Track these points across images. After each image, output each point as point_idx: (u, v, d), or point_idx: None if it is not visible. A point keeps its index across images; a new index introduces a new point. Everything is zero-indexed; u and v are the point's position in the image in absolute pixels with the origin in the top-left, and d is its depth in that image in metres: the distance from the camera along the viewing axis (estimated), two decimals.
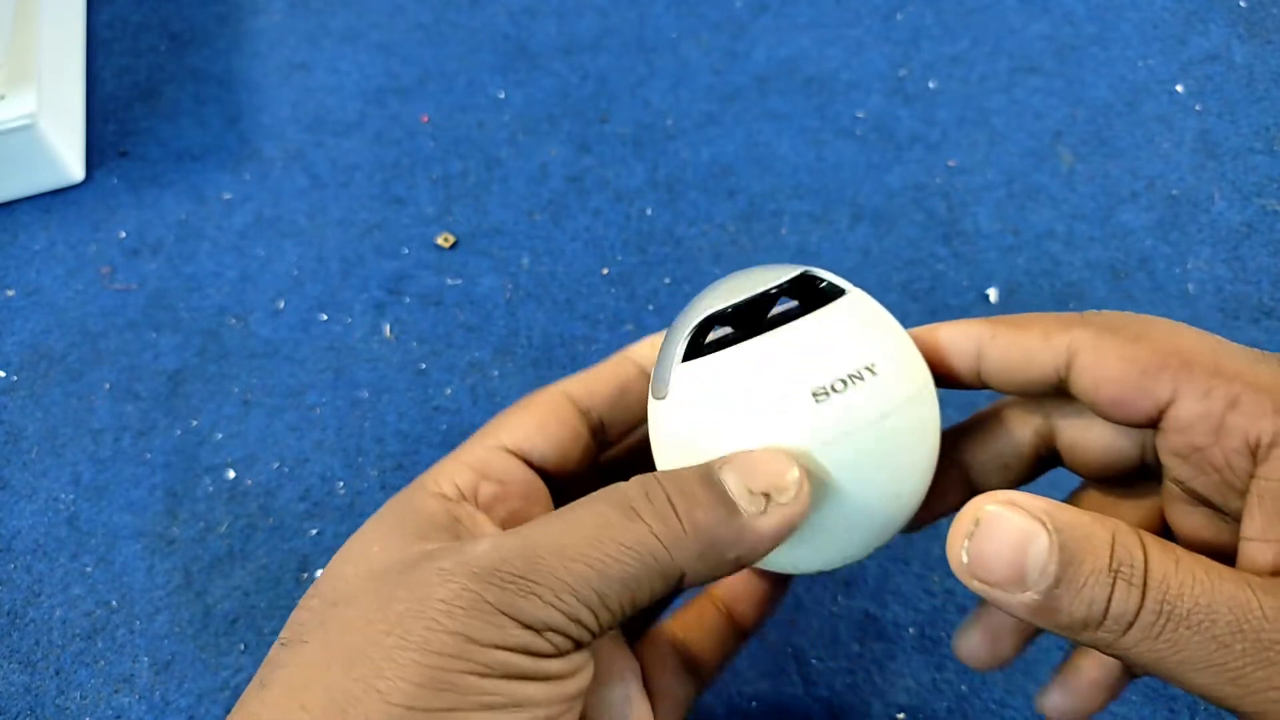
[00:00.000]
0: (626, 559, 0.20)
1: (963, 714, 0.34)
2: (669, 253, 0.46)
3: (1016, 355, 0.22)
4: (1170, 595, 0.17)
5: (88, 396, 0.42)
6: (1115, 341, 0.21)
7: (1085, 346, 0.21)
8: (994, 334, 0.23)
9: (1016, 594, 0.18)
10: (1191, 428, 0.20)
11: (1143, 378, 0.20)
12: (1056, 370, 0.22)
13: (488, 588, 0.19)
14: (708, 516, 0.20)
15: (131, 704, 0.35)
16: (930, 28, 0.53)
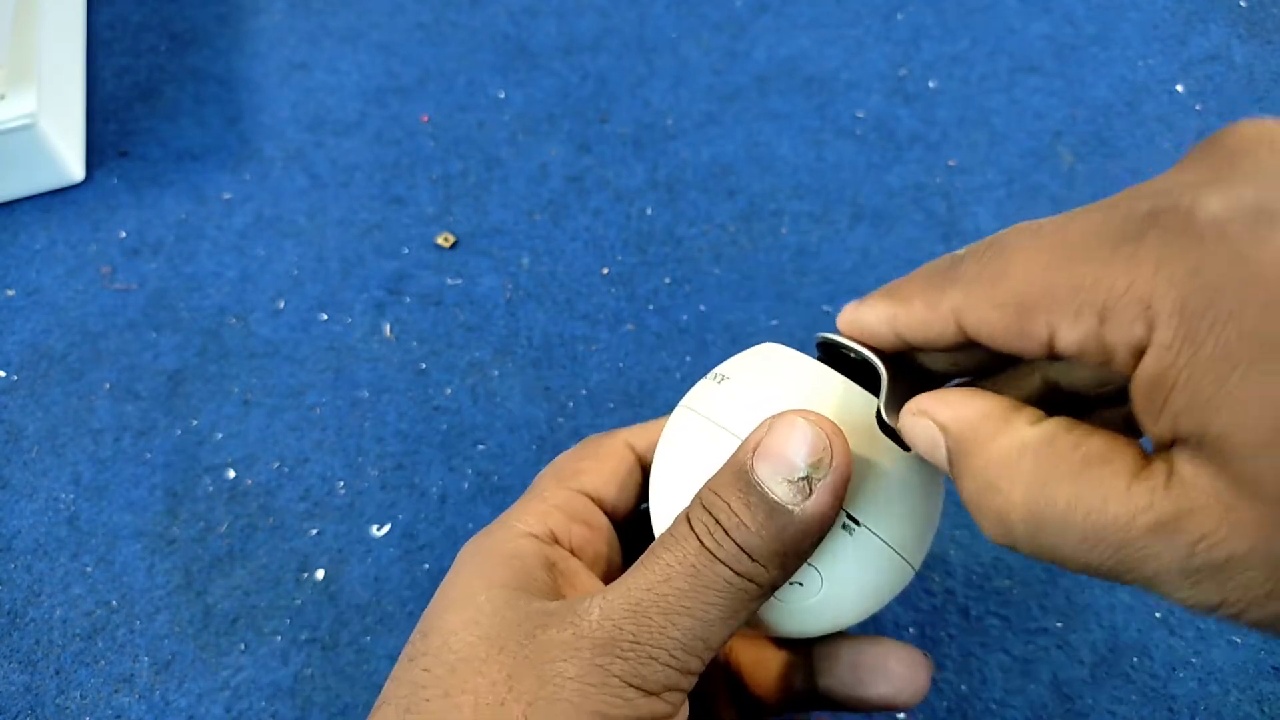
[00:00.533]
0: (722, 600, 0.21)
1: (963, 714, 0.34)
2: (669, 253, 0.46)
3: (921, 331, 0.21)
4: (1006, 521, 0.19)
5: (88, 396, 0.42)
6: (983, 293, 0.20)
7: (963, 309, 0.20)
8: (894, 314, 0.22)
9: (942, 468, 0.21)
10: (1083, 354, 0.18)
11: (1020, 321, 0.19)
12: (956, 337, 0.21)
13: (613, 661, 0.20)
14: (767, 536, 0.21)
15: (131, 704, 0.35)
16: (930, 28, 0.53)
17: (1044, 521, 0.18)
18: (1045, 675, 0.35)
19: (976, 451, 0.19)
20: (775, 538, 0.21)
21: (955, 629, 0.36)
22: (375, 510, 0.39)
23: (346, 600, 0.37)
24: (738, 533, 0.21)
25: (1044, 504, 0.18)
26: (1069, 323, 0.18)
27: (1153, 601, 0.36)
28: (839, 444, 0.21)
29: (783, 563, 0.21)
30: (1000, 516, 0.19)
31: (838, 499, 0.21)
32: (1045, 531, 0.18)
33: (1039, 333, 0.19)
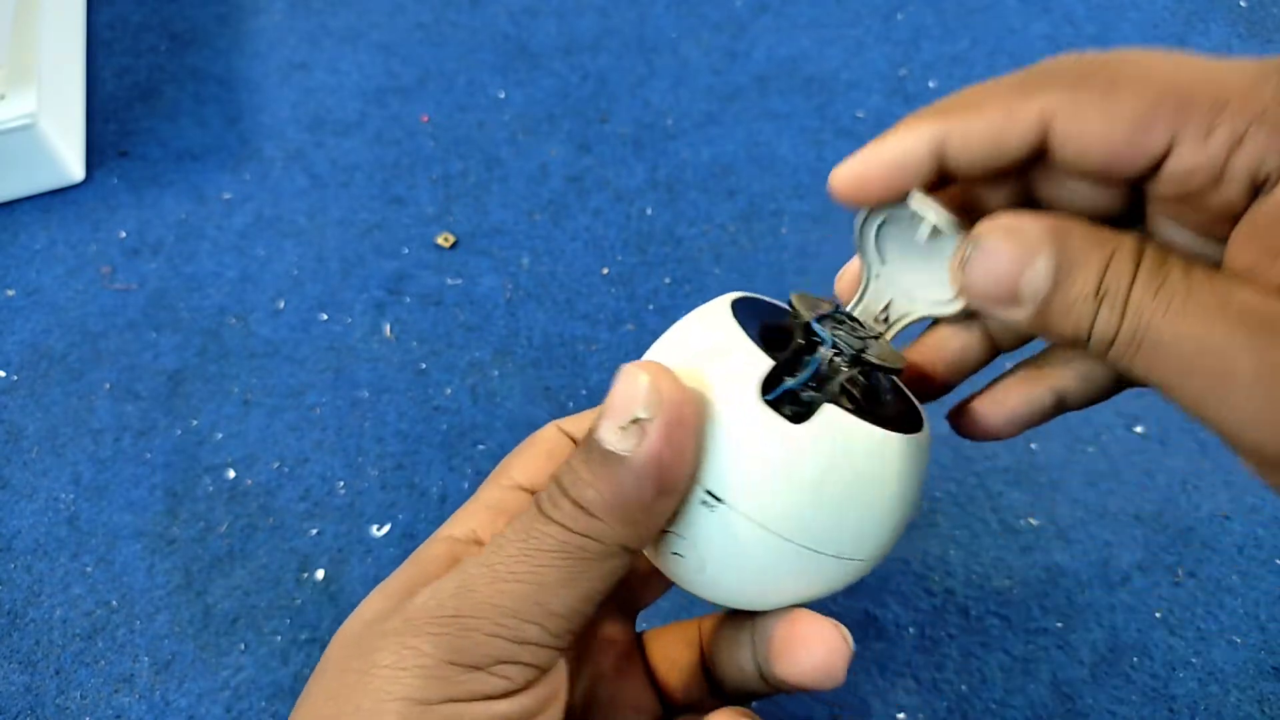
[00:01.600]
0: (558, 563, 0.20)
1: (962, 714, 0.34)
2: (669, 253, 0.46)
3: (982, 144, 0.20)
4: (1142, 321, 0.18)
5: (88, 396, 0.42)
6: (1093, 96, 0.18)
7: (1060, 112, 0.19)
8: (949, 128, 0.20)
9: (1012, 310, 0.19)
10: (1191, 175, 0.18)
11: (1134, 131, 0.18)
12: (1032, 147, 0.19)
13: (425, 639, 0.19)
14: (602, 486, 0.19)
15: (131, 704, 0.35)
16: (930, 28, 0.53)
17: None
18: (1045, 675, 0.35)
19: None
20: (611, 488, 0.19)
21: (955, 629, 0.36)
22: (375, 510, 0.39)
23: (347, 600, 0.37)
24: (574, 489, 0.20)
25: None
26: (1195, 140, 0.17)
27: (1153, 601, 0.36)
28: (668, 386, 0.19)
29: (625, 516, 0.20)
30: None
31: (673, 443, 0.19)
32: None
33: (1153, 144, 0.18)
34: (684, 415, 0.19)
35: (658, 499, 0.20)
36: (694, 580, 0.23)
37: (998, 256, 0.19)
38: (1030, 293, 0.19)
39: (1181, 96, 0.18)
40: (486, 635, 0.19)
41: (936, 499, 0.38)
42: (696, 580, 0.23)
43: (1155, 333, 0.17)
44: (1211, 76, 0.18)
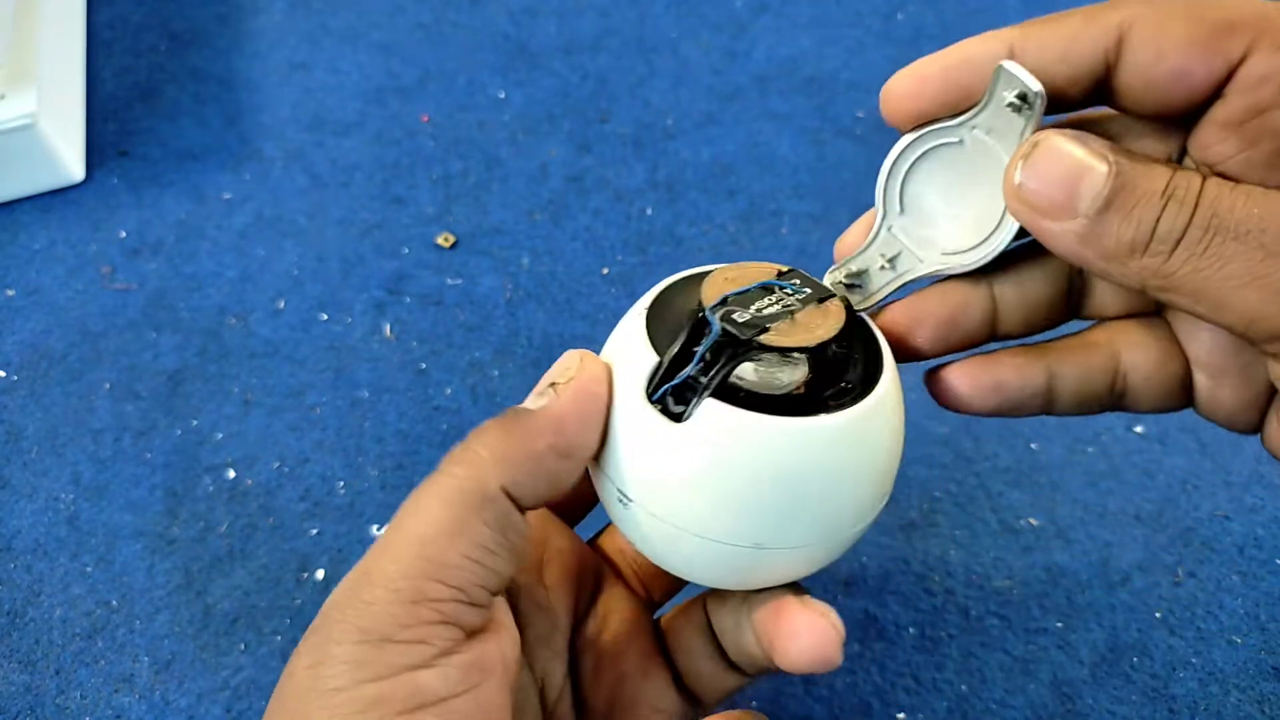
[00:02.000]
0: (439, 513, 0.20)
1: (963, 714, 0.34)
2: (669, 253, 0.46)
3: (1059, 44, 0.20)
4: (1221, 209, 0.17)
5: (88, 396, 0.42)
6: (1173, 9, 0.19)
7: (1141, 18, 0.19)
8: (1025, 33, 0.20)
9: (1065, 221, 0.18)
10: (1262, 85, 0.18)
11: (1213, 37, 0.18)
12: (1106, 53, 0.19)
13: (335, 627, 0.19)
14: (497, 431, 0.21)
15: (131, 704, 0.35)
16: (930, 28, 0.53)
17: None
18: (1045, 675, 0.35)
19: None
20: (503, 434, 0.20)
21: (955, 629, 0.36)
22: (375, 510, 0.39)
23: None
24: (473, 438, 0.21)
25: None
26: (1271, 48, 0.18)
27: (1153, 601, 0.36)
28: (589, 363, 0.21)
29: (508, 457, 0.20)
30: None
31: (578, 406, 0.21)
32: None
33: (1232, 50, 0.18)
34: (594, 389, 0.21)
35: (548, 453, 0.21)
36: (653, 559, 0.23)
37: (1062, 155, 0.18)
38: (1091, 196, 0.18)
39: (1257, 14, 0.18)
40: (389, 603, 0.19)
41: (936, 499, 0.38)
42: (655, 559, 0.23)
43: (1240, 215, 0.17)
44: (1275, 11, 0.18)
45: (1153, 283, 0.18)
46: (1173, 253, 0.17)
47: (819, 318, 0.22)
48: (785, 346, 0.21)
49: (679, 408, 0.21)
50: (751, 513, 0.21)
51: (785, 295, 0.22)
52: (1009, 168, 0.19)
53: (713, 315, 0.21)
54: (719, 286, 0.22)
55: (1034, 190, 0.19)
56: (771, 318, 0.21)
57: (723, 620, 0.25)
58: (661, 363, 0.21)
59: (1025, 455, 0.39)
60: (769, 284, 0.22)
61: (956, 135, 0.22)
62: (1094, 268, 0.19)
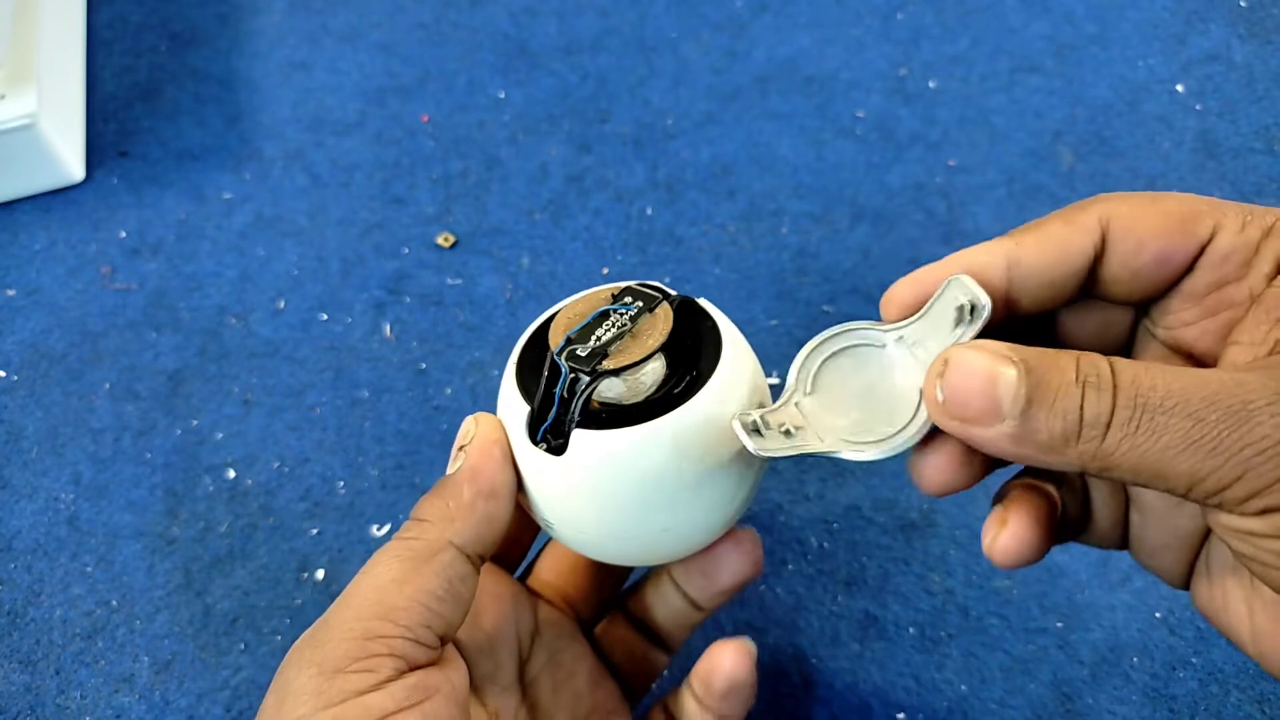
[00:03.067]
0: (392, 565, 0.23)
1: (962, 714, 0.34)
2: (669, 253, 0.46)
3: (1052, 250, 0.22)
4: (1142, 389, 0.18)
5: (88, 396, 0.42)
6: (1144, 202, 0.22)
7: (1119, 213, 0.22)
8: (1018, 241, 0.22)
9: (994, 425, 0.19)
10: (1227, 259, 0.21)
11: (1184, 223, 0.21)
12: (1094, 248, 0.22)
13: (296, 668, 0.22)
14: (432, 499, 0.24)
15: (132, 703, 0.35)
16: (930, 28, 0.53)
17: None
18: (1045, 675, 0.35)
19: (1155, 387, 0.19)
20: (438, 498, 0.24)
21: (955, 629, 0.36)
22: (375, 510, 0.39)
23: None
24: (415, 510, 0.25)
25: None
26: (1234, 229, 0.21)
27: (1153, 601, 0.36)
28: (483, 422, 0.25)
29: (445, 515, 0.24)
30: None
31: (484, 455, 0.24)
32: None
33: (1201, 232, 0.21)
34: (492, 438, 0.25)
35: (477, 500, 0.24)
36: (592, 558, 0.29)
37: (973, 366, 0.20)
38: (1010, 399, 0.19)
39: (1215, 204, 0.21)
40: (342, 640, 0.22)
41: (936, 499, 0.38)
42: (593, 558, 0.29)
43: (1162, 391, 0.18)
44: (1228, 203, 0.22)
45: (1092, 465, 0.19)
46: (1105, 435, 0.18)
47: (651, 326, 0.24)
48: (620, 366, 0.23)
49: (558, 442, 0.24)
50: (646, 507, 0.24)
51: (620, 316, 0.25)
52: (928, 386, 0.21)
53: (559, 358, 0.24)
54: (561, 328, 0.25)
55: (958, 404, 0.20)
56: (610, 342, 0.24)
57: (651, 590, 0.31)
58: (532, 409, 0.24)
59: None
60: (605, 310, 0.25)
61: (881, 340, 0.24)
62: (1034, 461, 0.20)
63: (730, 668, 0.27)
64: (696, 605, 0.30)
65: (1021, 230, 0.23)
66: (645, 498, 0.24)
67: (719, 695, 0.28)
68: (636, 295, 0.25)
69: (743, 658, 0.28)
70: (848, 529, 0.38)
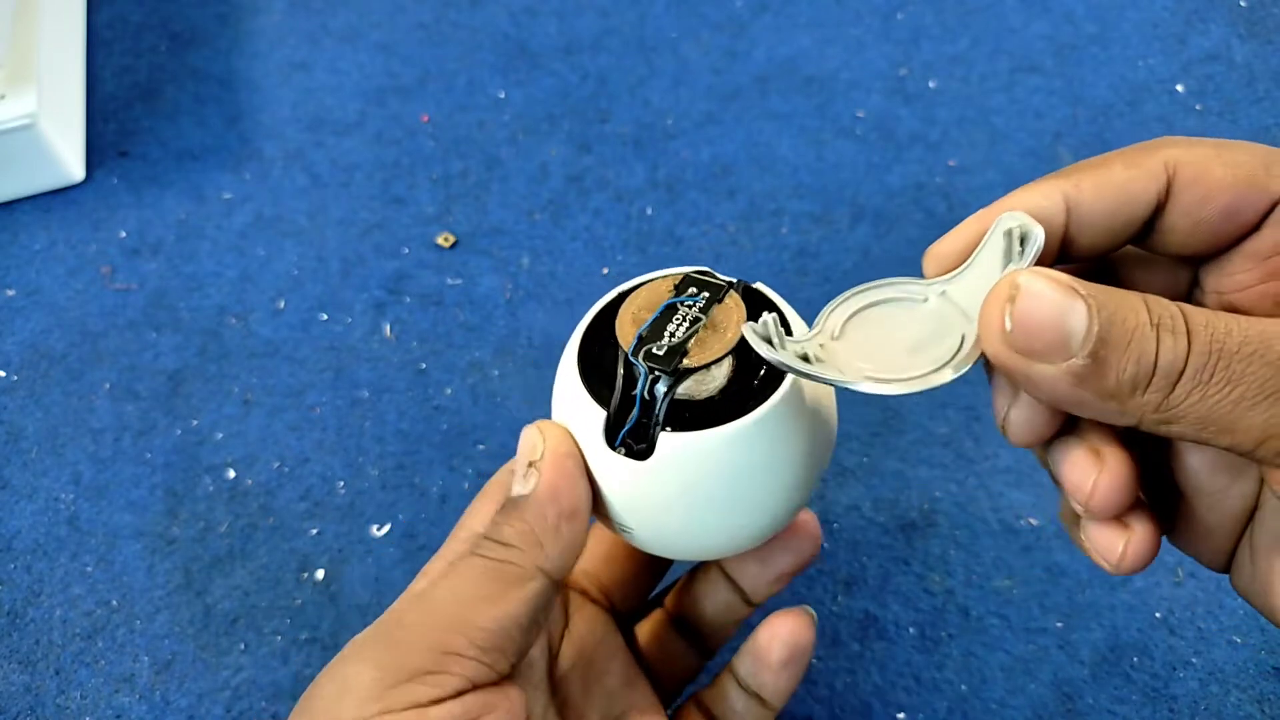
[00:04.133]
0: (481, 582, 0.22)
1: (963, 714, 0.34)
2: (669, 252, 0.46)
3: (1113, 194, 0.20)
4: (1218, 334, 0.17)
5: (88, 396, 0.42)
6: (1212, 151, 0.20)
7: (1186, 160, 0.20)
8: (1076, 182, 0.20)
9: (1060, 362, 0.17)
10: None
11: (1254, 175, 0.19)
12: (1158, 196, 0.20)
13: (359, 664, 0.21)
14: (514, 522, 0.23)
15: (132, 703, 0.35)
16: (930, 27, 0.53)
17: None
18: (1046, 675, 0.35)
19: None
20: (520, 522, 0.23)
21: (955, 629, 0.36)
22: (375, 510, 0.39)
23: (347, 600, 0.37)
24: (493, 530, 0.23)
25: None
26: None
27: (1153, 601, 0.36)
28: (551, 432, 0.24)
29: (535, 540, 0.23)
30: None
31: (562, 473, 0.23)
32: None
33: (1274, 186, 0.19)
34: (566, 452, 0.23)
35: (560, 523, 0.23)
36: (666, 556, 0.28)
37: (1044, 296, 0.18)
38: (1081, 335, 0.17)
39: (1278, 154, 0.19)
40: (414, 650, 0.21)
41: (936, 499, 0.38)
42: (667, 556, 0.28)
43: (1238, 337, 0.17)
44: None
45: (1152, 418, 0.18)
46: (1176, 384, 0.17)
47: (725, 317, 0.23)
48: (707, 362, 0.22)
49: (640, 445, 0.23)
50: (733, 503, 0.24)
51: (688, 309, 0.24)
52: (993, 312, 0.19)
53: (636, 359, 0.23)
54: (629, 326, 0.23)
55: (1026, 333, 0.18)
56: (686, 337, 0.23)
57: (697, 584, 0.30)
58: (609, 415, 0.23)
59: (1025, 455, 0.39)
60: (672, 303, 0.24)
61: (923, 294, 0.22)
62: (1084, 410, 0.18)
63: (789, 633, 0.26)
64: (746, 598, 0.29)
65: (1078, 169, 0.21)
66: (734, 494, 0.23)
67: (777, 664, 0.27)
68: (699, 285, 0.24)
69: (805, 622, 0.27)
70: (848, 529, 0.38)
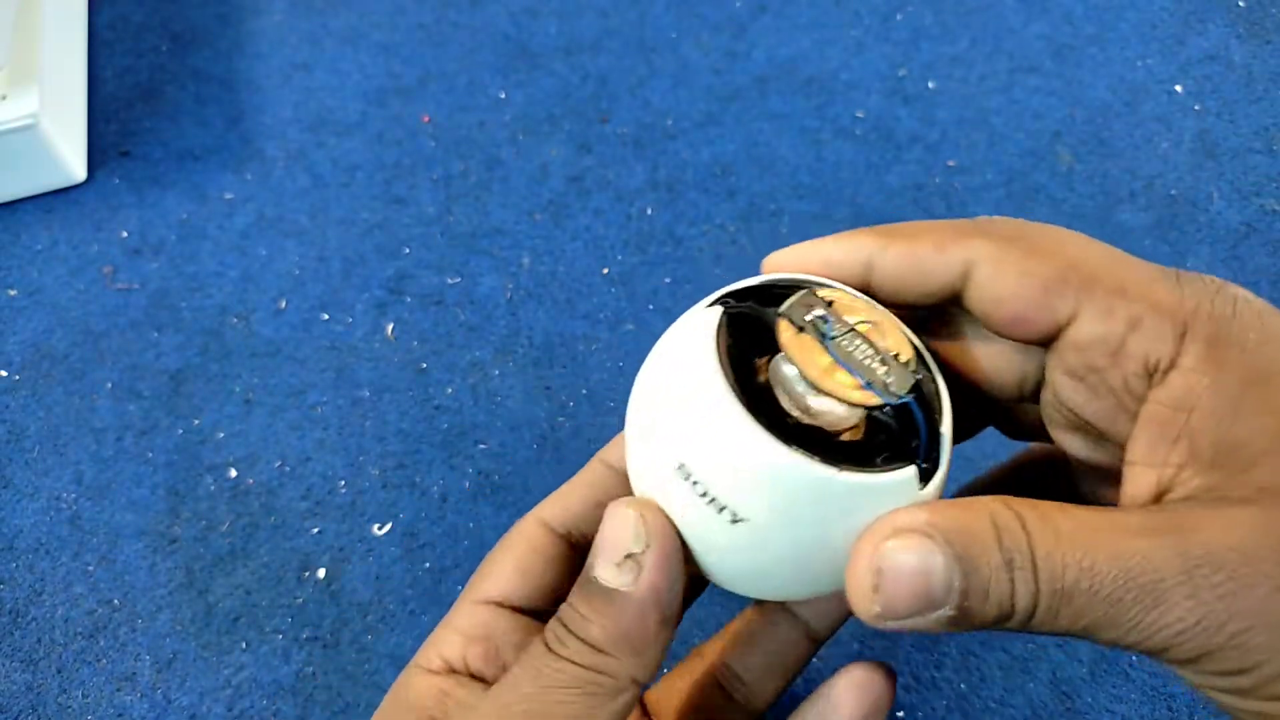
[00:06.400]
0: (573, 699, 0.20)
1: (962, 712, 0.34)
2: (669, 253, 0.46)
3: (910, 268, 0.21)
4: (1056, 571, 0.17)
5: (90, 396, 0.42)
6: (1015, 254, 0.20)
7: (983, 259, 0.20)
8: (884, 245, 0.21)
9: (930, 616, 0.18)
10: (1090, 348, 0.19)
11: (1044, 294, 0.19)
12: (952, 284, 0.20)
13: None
14: (607, 623, 0.20)
15: (134, 702, 0.35)
16: (930, 28, 0.53)
17: None
18: (1044, 674, 0.35)
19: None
20: (615, 623, 0.20)
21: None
22: (376, 509, 0.39)
23: (348, 599, 0.37)
24: (579, 627, 0.20)
25: None
26: (1097, 315, 0.19)
27: None
28: (654, 519, 0.20)
29: (632, 648, 0.20)
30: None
31: (668, 573, 0.20)
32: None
33: (1060, 310, 0.19)
34: (674, 549, 0.20)
35: (659, 628, 0.20)
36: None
37: (904, 564, 0.18)
38: (942, 593, 0.18)
39: (1088, 274, 0.19)
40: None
41: None
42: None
43: (1074, 573, 0.17)
44: (1116, 264, 0.19)
45: (1028, 632, 0.18)
46: (1033, 617, 0.18)
47: (880, 338, 0.20)
48: (926, 373, 0.20)
49: (925, 465, 0.20)
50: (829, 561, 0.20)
51: (850, 329, 0.20)
52: (859, 600, 0.18)
53: (909, 399, 0.19)
54: (825, 369, 0.19)
55: (895, 612, 0.18)
56: (885, 354, 0.20)
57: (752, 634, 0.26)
58: (919, 462, 0.19)
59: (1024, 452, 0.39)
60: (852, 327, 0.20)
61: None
62: (956, 632, 0.19)
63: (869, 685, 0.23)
64: (810, 634, 0.26)
65: (896, 232, 0.21)
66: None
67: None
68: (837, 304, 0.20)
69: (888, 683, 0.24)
70: None
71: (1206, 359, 0.18)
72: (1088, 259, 0.19)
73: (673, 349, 0.21)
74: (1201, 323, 0.18)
